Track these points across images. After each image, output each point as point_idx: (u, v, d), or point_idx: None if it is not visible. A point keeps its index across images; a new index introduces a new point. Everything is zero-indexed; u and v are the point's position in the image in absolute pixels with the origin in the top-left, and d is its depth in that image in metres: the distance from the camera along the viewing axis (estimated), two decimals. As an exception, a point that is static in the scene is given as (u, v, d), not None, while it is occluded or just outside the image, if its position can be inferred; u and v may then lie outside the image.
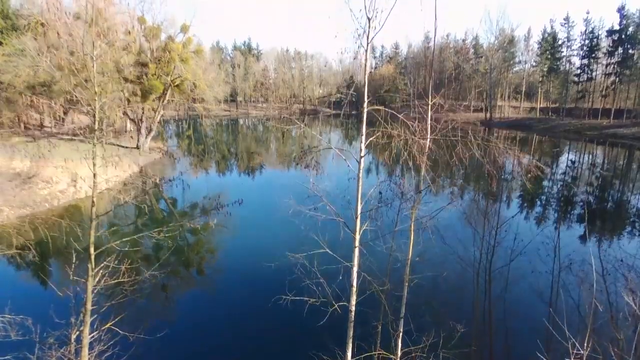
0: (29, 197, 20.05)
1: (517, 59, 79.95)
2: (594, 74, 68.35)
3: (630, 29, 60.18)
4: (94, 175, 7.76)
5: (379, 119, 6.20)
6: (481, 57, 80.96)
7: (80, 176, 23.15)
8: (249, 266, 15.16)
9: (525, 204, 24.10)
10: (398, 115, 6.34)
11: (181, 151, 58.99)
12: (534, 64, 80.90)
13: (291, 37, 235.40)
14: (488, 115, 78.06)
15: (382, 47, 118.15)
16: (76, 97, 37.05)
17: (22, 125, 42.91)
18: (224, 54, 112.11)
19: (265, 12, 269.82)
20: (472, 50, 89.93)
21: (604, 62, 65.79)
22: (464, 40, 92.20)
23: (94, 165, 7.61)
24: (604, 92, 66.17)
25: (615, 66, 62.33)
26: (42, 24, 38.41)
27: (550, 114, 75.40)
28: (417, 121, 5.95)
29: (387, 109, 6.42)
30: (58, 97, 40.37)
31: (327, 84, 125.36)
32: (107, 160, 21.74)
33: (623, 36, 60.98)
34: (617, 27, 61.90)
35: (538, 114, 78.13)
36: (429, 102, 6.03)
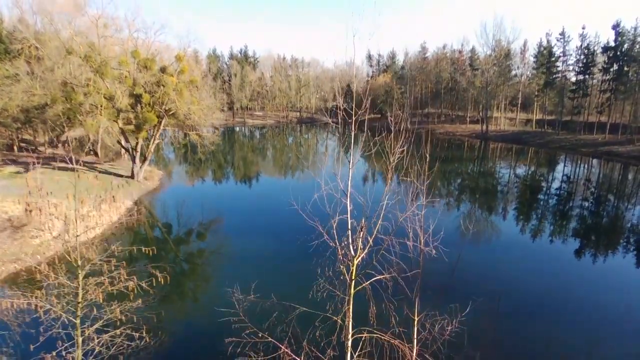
0: (21, 249, 19.83)
1: (513, 72, 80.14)
2: (589, 89, 68.58)
3: (626, 45, 60.44)
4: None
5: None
6: (477, 69, 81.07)
7: (73, 221, 22.96)
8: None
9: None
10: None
11: (177, 160, 59.21)
12: (530, 75, 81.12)
13: (288, 41, 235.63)
14: (484, 127, 78.25)
15: (379, 55, 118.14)
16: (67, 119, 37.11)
17: (16, 148, 42.59)
18: (220, 62, 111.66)
19: (263, 17, 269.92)
20: (468, 62, 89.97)
21: (599, 78, 66.09)
22: (460, 52, 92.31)
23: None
24: (599, 109, 66.44)
25: (611, 82, 62.60)
26: (37, 47, 38.10)
27: (546, 126, 75.64)
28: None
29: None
30: (52, 119, 40.20)
31: (323, 91, 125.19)
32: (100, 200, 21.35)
33: (618, 52, 61.23)
34: (612, 44, 62.17)
35: (534, 126, 78.42)
36: (415, 318, 5.75)
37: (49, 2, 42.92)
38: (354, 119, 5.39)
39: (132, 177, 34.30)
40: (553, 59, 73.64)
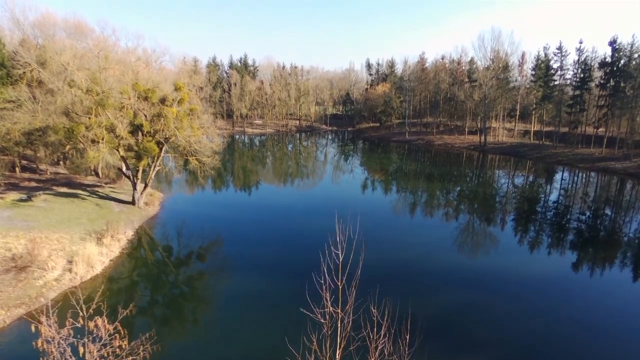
0: (25, 292, 20.25)
1: (511, 85, 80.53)
2: (586, 104, 69.02)
3: (622, 61, 60.93)
4: None
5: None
6: (475, 81, 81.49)
7: (75, 260, 23.40)
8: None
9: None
10: None
11: (177, 170, 59.70)
12: (528, 87, 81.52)
13: (288, 49, 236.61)
14: (482, 139, 78.68)
15: (378, 64, 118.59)
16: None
17: (18, 170, 42.99)
18: (220, 70, 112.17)
19: (263, 25, 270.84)
20: (466, 74, 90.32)
21: (596, 93, 66.57)
22: (459, 63, 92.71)
23: None
24: (596, 124, 66.98)
25: (607, 98, 63.09)
26: (39, 71, 38.54)
27: (543, 139, 75.98)
28: None
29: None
30: (54, 142, 40.63)
31: (322, 99, 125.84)
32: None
33: (615, 68, 61.71)
34: (609, 59, 62.65)
35: (532, 138, 78.81)
36: None
37: (51, 25, 43.55)
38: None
39: (133, 203, 34.76)
40: (552, 71, 74.14)
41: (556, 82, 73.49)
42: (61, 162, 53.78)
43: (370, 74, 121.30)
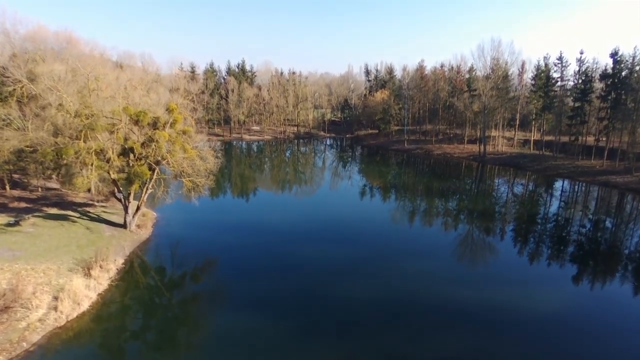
0: (6, 336, 19.31)
1: (510, 94, 79.82)
2: (586, 117, 68.31)
3: (623, 73, 60.28)
4: None
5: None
6: (475, 90, 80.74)
7: (61, 296, 22.48)
8: None
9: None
10: None
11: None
12: (528, 95, 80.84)
13: (287, 53, 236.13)
14: (482, 149, 77.92)
15: (377, 69, 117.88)
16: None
17: (8, 187, 42.00)
18: (218, 76, 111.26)
19: (262, 30, 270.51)
20: (466, 84, 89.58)
21: (597, 105, 65.90)
22: (457, 72, 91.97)
23: None
24: (597, 137, 66.30)
25: (608, 110, 62.43)
26: (30, 86, 37.66)
27: (543, 148, 75.23)
28: None
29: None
30: (45, 159, 39.72)
31: (321, 106, 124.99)
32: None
33: (616, 80, 61.05)
34: (610, 71, 61.99)
35: (532, 148, 78.04)
36: None
37: (42, 39, 42.65)
38: None
39: (124, 226, 33.89)
40: (553, 81, 73.46)
41: (556, 92, 72.79)
42: (53, 177, 52.80)
43: (369, 80, 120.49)
